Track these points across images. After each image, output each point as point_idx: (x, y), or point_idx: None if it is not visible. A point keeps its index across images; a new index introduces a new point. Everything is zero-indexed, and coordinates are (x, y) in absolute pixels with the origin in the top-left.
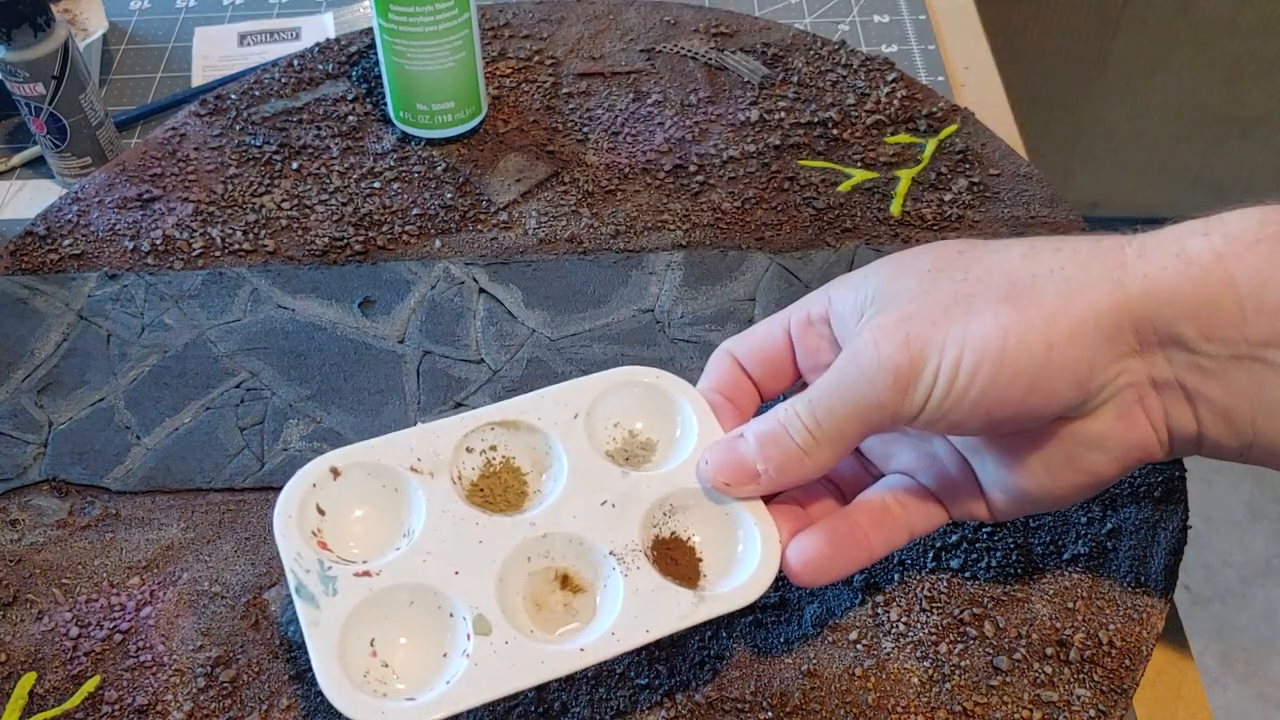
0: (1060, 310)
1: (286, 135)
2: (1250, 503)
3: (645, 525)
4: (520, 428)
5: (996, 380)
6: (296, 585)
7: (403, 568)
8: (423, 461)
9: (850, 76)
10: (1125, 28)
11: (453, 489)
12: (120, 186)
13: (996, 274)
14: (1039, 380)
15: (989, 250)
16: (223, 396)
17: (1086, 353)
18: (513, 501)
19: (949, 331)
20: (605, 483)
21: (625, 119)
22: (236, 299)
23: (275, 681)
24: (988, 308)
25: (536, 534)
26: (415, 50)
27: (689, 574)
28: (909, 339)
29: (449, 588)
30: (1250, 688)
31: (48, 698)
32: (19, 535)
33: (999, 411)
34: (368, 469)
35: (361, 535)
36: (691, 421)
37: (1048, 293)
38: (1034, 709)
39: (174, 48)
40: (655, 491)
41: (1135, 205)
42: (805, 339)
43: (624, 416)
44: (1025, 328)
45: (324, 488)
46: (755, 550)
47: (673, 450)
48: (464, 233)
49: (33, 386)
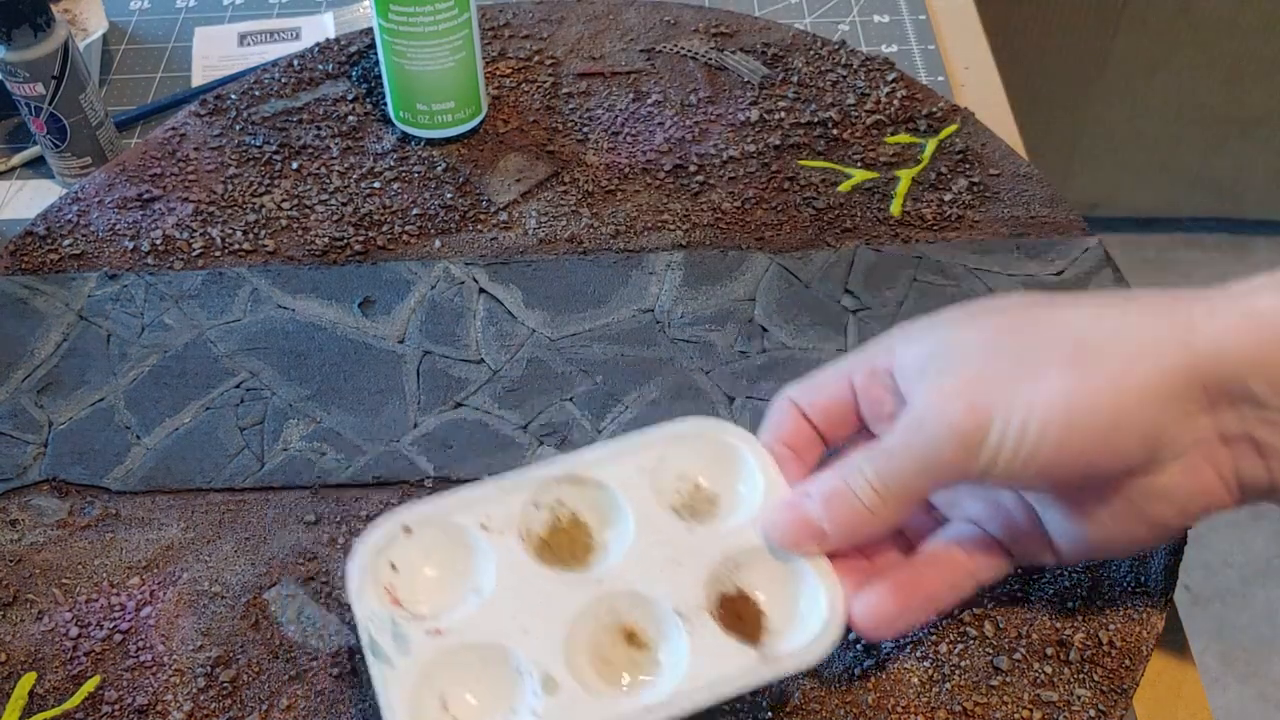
0: (1126, 372)
1: (286, 135)
2: None
3: (710, 581)
4: (586, 483)
5: (1063, 443)
6: (370, 643)
7: (472, 626)
8: (491, 519)
9: (850, 76)
10: (1125, 28)
11: (520, 546)
12: (120, 186)
13: (1061, 334)
14: (1105, 442)
15: (1053, 308)
16: (223, 396)
17: (1154, 413)
18: (579, 557)
19: (1014, 394)
20: (670, 538)
21: (625, 119)
22: (236, 299)
23: (275, 681)
24: (1053, 370)
25: (602, 591)
26: (415, 50)
27: (753, 630)
28: (974, 403)
29: (517, 646)
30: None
31: (48, 698)
32: (19, 535)
33: (1065, 472)
34: (439, 526)
35: (432, 592)
36: (755, 474)
37: (1114, 355)
38: (1034, 709)
39: (174, 48)
40: (719, 547)
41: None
42: (869, 389)
43: (688, 469)
44: (1091, 391)
45: (396, 544)
46: (820, 608)
47: (737, 504)
48: (464, 233)
49: (33, 386)
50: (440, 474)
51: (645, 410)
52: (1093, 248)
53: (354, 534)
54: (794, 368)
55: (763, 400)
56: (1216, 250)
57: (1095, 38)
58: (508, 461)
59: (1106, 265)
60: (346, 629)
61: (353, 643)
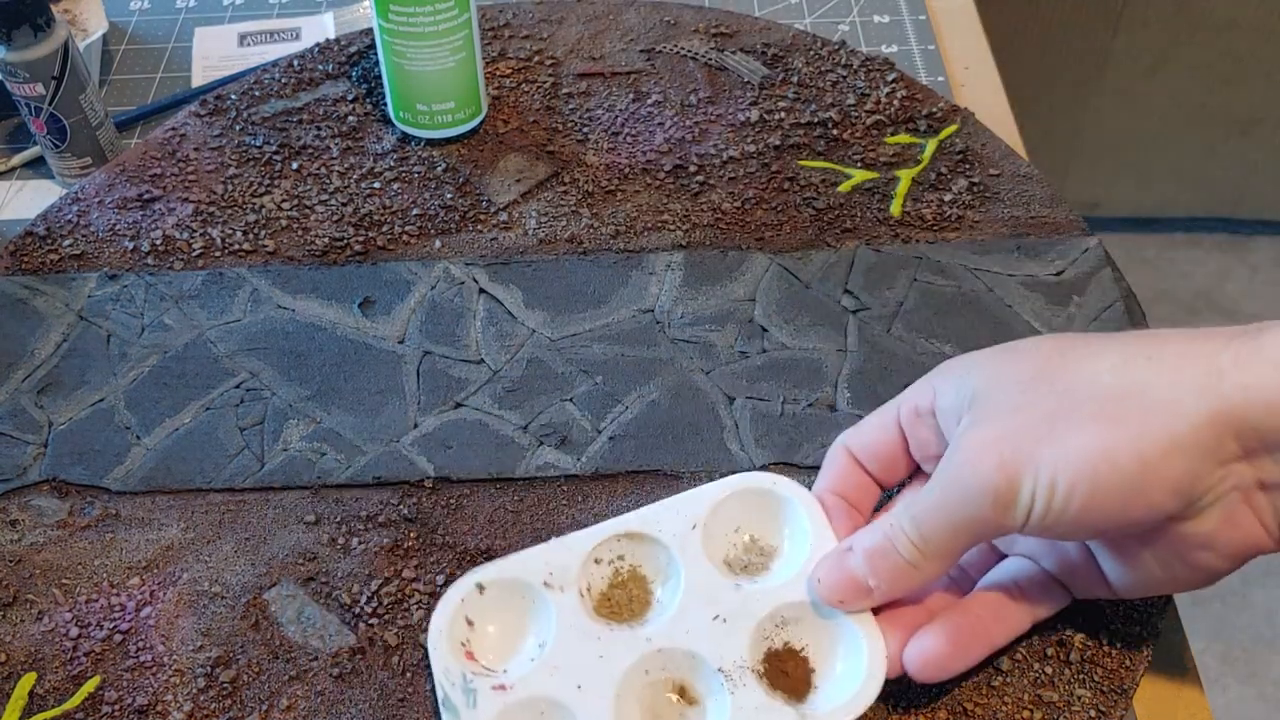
0: (1154, 427)
1: (286, 135)
2: None
3: (756, 638)
4: (643, 539)
5: (1093, 499)
6: (444, 698)
7: (533, 681)
8: (554, 575)
9: (850, 77)
10: (1125, 28)
11: (580, 602)
12: (120, 187)
13: (1091, 386)
14: (1137, 495)
15: (1082, 358)
16: (223, 397)
17: (1185, 464)
18: (637, 611)
19: (1043, 452)
20: (717, 596)
21: (625, 119)
22: (236, 299)
23: (275, 682)
24: (1080, 426)
25: (652, 649)
26: (415, 50)
27: (800, 686)
28: (1004, 460)
29: (573, 701)
30: (1250, 688)
31: (48, 698)
32: (19, 535)
33: (1100, 524)
34: (507, 584)
35: (499, 647)
36: (805, 529)
37: (1140, 409)
38: (1034, 709)
39: (174, 48)
40: (766, 605)
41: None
42: (915, 431)
43: (743, 523)
44: (1118, 448)
45: (471, 601)
46: (861, 665)
47: (787, 557)
48: (464, 233)
49: (33, 387)
50: (440, 474)
51: (645, 410)
52: (1093, 248)
53: (354, 534)
54: (794, 368)
55: (763, 400)
56: (1216, 250)
57: (1095, 38)
58: (508, 461)
59: (1106, 265)
60: (346, 629)
61: (353, 643)
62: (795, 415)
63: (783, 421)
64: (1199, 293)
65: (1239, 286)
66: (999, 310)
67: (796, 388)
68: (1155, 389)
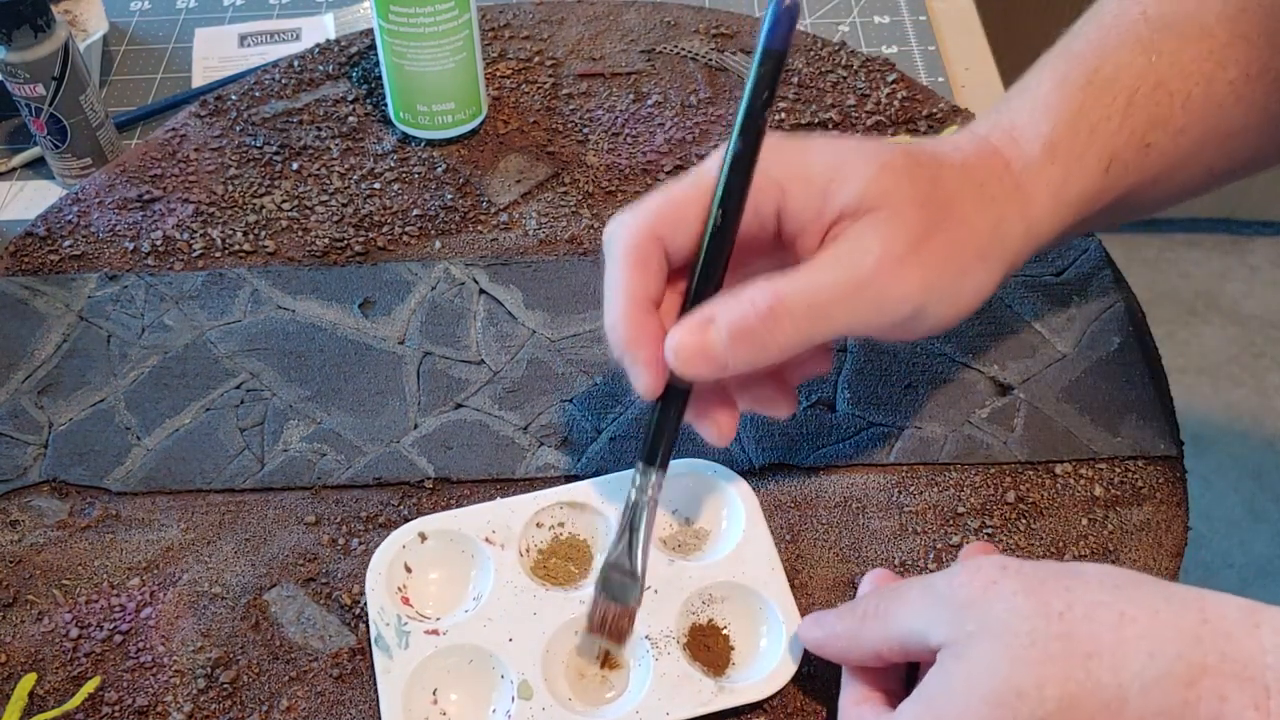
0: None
1: (287, 136)
2: (1250, 503)
3: (683, 612)
4: (586, 509)
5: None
6: (376, 635)
7: (466, 630)
8: (496, 533)
9: (850, 77)
10: None
11: (519, 561)
12: (120, 187)
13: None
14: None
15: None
16: (223, 397)
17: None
18: (573, 577)
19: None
20: (652, 569)
21: (625, 120)
22: (237, 300)
23: (275, 682)
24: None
25: (584, 611)
26: (415, 51)
27: (719, 661)
28: (928, 284)
29: (502, 652)
30: None
31: (48, 698)
32: (19, 536)
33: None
34: (450, 536)
35: (437, 595)
36: (740, 516)
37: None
38: None
39: (174, 49)
40: (696, 581)
41: None
42: (774, 203)
43: (681, 505)
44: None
45: (412, 549)
46: (779, 648)
47: (718, 541)
48: (464, 234)
49: (33, 387)
50: (440, 475)
51: (644, 411)
52: (1093, 248)
53: (354, 535)
54: None
55: None
56: (1216, 250)
57: None
58: (508, 462)
59: (1106, 265)
60: (346, 630)
61: (353, 644)
62: (795, 415)
63: (783, 422)
64: (1199, 293)
65: (1239, 286)
66: (999, 310)
67: (796, 388)
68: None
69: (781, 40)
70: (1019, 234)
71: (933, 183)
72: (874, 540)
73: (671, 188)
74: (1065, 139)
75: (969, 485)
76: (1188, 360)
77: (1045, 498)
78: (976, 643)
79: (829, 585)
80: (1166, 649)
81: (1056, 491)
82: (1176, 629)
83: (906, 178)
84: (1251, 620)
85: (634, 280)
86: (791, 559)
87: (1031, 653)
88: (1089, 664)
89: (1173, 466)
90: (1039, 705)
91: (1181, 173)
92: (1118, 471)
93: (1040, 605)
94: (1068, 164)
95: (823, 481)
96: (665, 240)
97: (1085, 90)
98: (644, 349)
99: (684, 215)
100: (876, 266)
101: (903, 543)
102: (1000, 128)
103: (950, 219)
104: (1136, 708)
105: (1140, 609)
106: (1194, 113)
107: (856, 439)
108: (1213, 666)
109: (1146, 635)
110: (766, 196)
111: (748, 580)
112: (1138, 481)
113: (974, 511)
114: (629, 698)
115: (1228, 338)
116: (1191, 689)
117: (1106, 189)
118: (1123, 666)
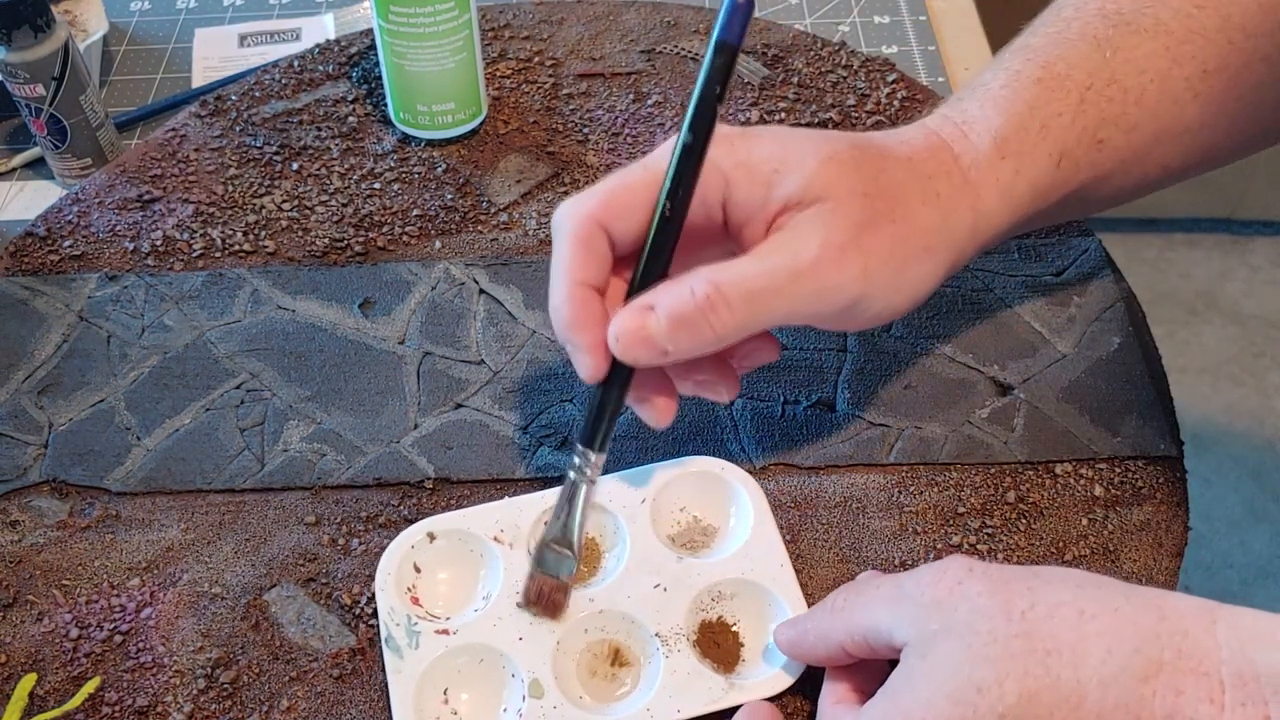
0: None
1: (287, 136)
2: (1250, 503)
3: (693, 609)
4: (594, 507)
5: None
6: (386, 636)
7: (476, 629)
8: (505, 532)
9: (850, 77)
10: None
11: (528, 559)
12: (120, 187)
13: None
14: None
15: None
16: (223, 397)
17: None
18: (583, 572)
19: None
20: (660, 566)
21: (625, 120)
22: (237, 300)
23: (275, 683)
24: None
25: (594, 609)
26: (415, 51)
27: (729, 657)
28: (868, 272)
29: (512, 651)
30: None
31: (48, 699)
32: (19, 536)
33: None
34: (458, 535)
35: (446, 595)
36: (748, 514)
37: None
38: None
39: (174, 49)
40: (705, 578)
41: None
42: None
43: (689, 502)
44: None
45: (421, 549)
46: None
47: (728, 538)
48: (464, 234)
49: (33, 387)
50: (440, 475)
51: None
52: (1093, 248)
53: (354, 535)
54: (794, 368)
55: (763, 401)
56: (1217, 250)
57: None
58: (507, 462)
59: (1106, 265)
60: (347, 630)
61: (353, 644)
62: (795, 416)
63: (783, 422)
64: (1199, 293)
65: (1239, 286)
66: (999, 310)
67: (796, 388)
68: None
69: (736, 34)
70: (966, 227)
71: (878, 174)
72: (874, 540)
73: (621, 175)
74: (1016, 134)
75: (969, 485)
76: (1188, 360)
77: (1045, 498)
78: (940, 641)
79: (829, 585)
80: (1124, 645)
81: (1057, 491)
82: (1135, 626)
83: (851, 169)
84: (1209, 618)
85: (578, 264)
86: (792, 559)
87: (992, 650)
88: (1049, 660)
89: (1173, 466)
90: (999, 700)
91: (1135, 169)
92: (1118, 471)
93: (1003, 605)
94: (1018, 159)
95: (823, 481)
96: (613, 227)
97: (1037, 86)
98: (587, 333)
99: (632, 203)
100: (817, 256)
101: (903, 543)
102: (951, 121)
103: (895, 210)
104: (1095, 702)
105: (1100, 607)
106: (1148, 109)
107: (856, 439)
108: (1169, 662)
109: (1106, 632)
110: (712, 187)
111: (757, 576)
112: (1138, 481)
113: (974, 511)
114: (640, 695)
115: (1228, 338)
116: (1148, 684)
117: (1057, 184)
118: (1082, 662)
